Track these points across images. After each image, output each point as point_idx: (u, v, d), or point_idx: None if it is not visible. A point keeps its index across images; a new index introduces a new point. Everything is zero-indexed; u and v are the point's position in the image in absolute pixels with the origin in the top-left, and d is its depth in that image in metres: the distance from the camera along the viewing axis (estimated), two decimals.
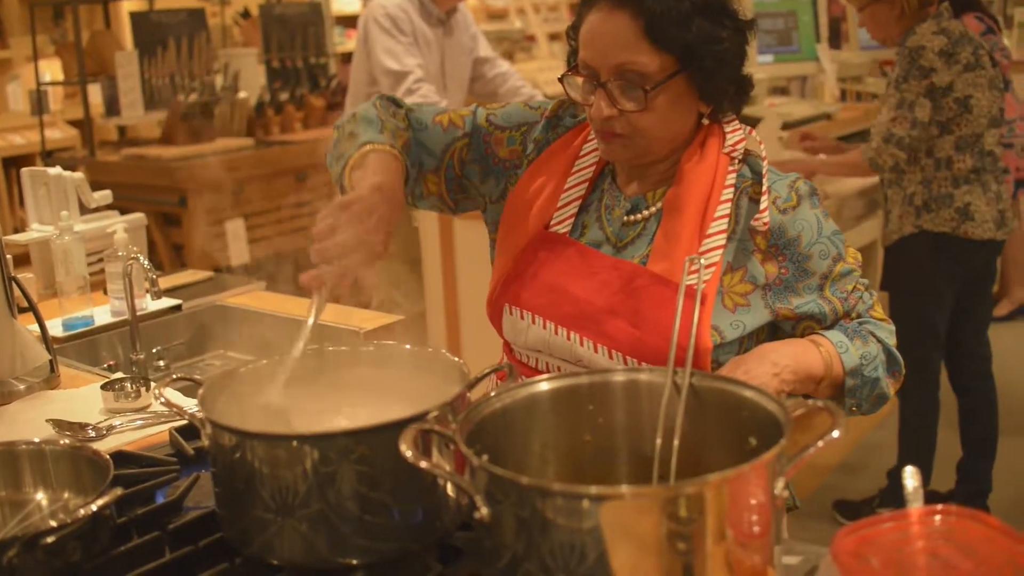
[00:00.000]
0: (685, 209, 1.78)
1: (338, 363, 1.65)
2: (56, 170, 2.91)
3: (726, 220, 1.78)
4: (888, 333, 1.85)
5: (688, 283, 1.59)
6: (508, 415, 1.38)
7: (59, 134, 6.93)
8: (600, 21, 1.74)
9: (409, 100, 4.10)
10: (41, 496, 1.60)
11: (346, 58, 7.41)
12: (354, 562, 1.39)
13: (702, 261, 1.63)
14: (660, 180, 1.86)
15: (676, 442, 1.36)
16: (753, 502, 1.18)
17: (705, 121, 1.83)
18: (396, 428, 1.29)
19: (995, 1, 6.12)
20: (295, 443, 1.36)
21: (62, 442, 1.66)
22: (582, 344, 1.80)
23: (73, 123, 7.06)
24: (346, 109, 4.60)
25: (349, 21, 8.33)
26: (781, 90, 5.35)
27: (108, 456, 1.54)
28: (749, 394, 1.34)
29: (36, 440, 1.63)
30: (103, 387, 2.14)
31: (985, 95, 3.54)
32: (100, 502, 1.39)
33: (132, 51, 5.83)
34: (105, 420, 2.03)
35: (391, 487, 1.37)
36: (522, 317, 1.86)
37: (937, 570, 1.18)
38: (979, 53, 3.53)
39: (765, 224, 1.75)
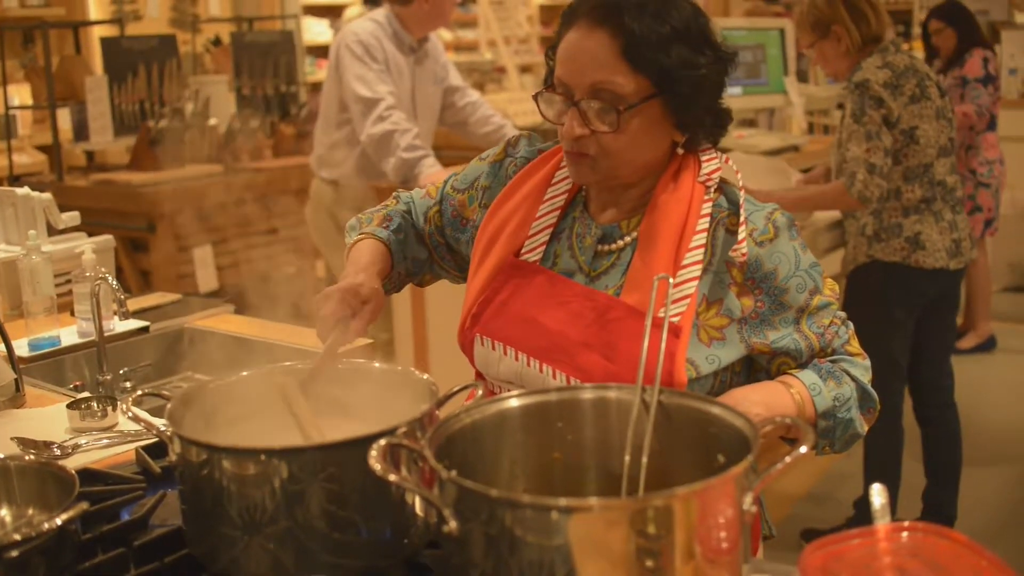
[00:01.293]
0: (659, 239, 1.76)
1: (308, 381, 1.64)
2: (24, 190, 2.90)
3: (702, 251, 1.75)
4: (863, 370, 1.83)
5: (655, 307, 1.59)
6: (477, 431, 1.38)
7: (27, 159, 6.89)
8: (578, 39, 1.73)
9: (379, 127, 4.16)
10: (4, 512, 1.58)
11: (316, 87, 7.42)
12: None
13: (671, 282, 1.61)
14: (634, 208, 1.84)
15: (644, 459, 1.36)
16: (721, 518, 1.19)
17: (680, 151, 1.82)
18: (365, 443, 1.29)
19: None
20: (263, 457, 1.35)
21: (27, 458, 1.65)
22: (555, 377, 1.77)
23: (41, 148, 7.03)
24: (316, 136, 4.60)
25: (320, 51, 8.36)
26: (749, 122, 5.38)
27: (74, 472, 1.53)
28: (717, 411, 1.35)
29: (1, 456, 1.62)
30: (69, 406, 2.12)
31: (932, 125, 3.59)
32: (65, 516, 1.38)
33: (102, 76, 5.81)
34: (71, 439, 2.02)
35: (359, 503, 1.37)
36: (494, 348, 1.84)
37: None
38: (924, 84, 3.59)
39: (743, 256, 1.72)
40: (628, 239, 1.82)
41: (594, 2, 1.73)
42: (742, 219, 1.74)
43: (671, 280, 1.55)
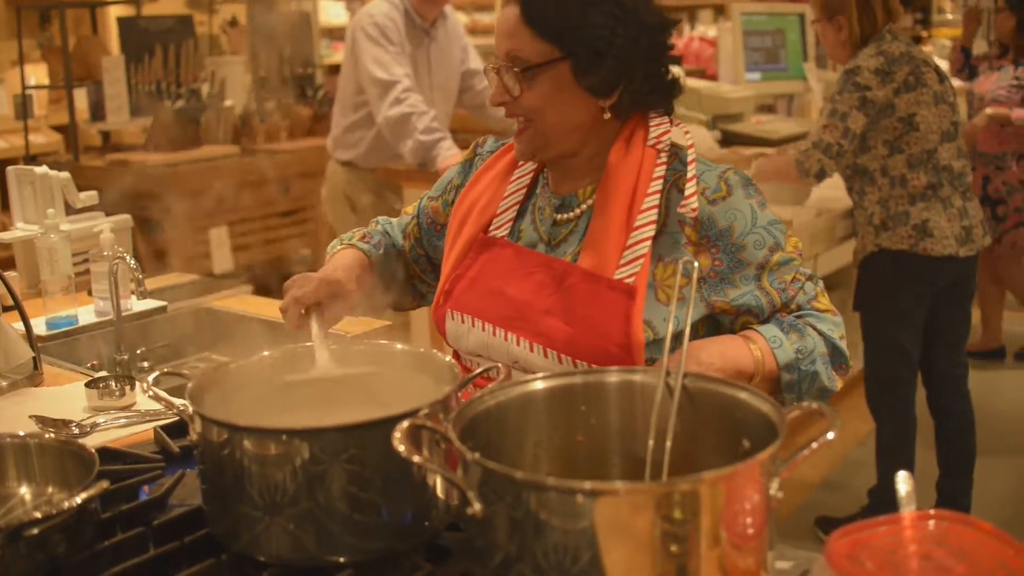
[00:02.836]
0: (613, 203, 1.80)
1: (329, 362, 1.63)
2: (42, 169, 2.89)
3: (655, 211, 1.78)
4: (832, 325, 1.82)
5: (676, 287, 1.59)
6: (501, 413, 1.37)
7: (43, 139, 6.88)
8: (500, 12, 1.83)
9: (396, 110, 4.15)
10: (24, 490, 1.58)
11: (332, 69, 7.41)
12: (342, 560, 1.37)
13: (691, 264, 1.61)
14: (589, 177, 1.88)
15: (668, 443, 1.35)
16: (748, 504, 1.17)
17: (606, 115, 1.82)
18: (388, 424, 1.28)
19: None
20: (285, 437, 1.34)
21: (47, 437, 1.65)
22: (518, 344, 1.82)
23: (57, 128, 7.03)
24: (333, 118, 4.59)
25: (336, 33, 8.33)
26: (768, 108, 5.36)
27: (94, 451, 1.52)
28: (743, 395, 1.34)
29: (21, 434, 1.62)
30: (87, 385, 2.12)
31: (931, 111, 3.59)
32: (85, 495, 1.37)
33: (119, 57, 5.81)
34: (89, 418, 2.02)
35: (380, 485, 1.36)
36: (463, 321, 1.89)
37: (930, 573, 1.17)
38: (920, 71, 3.59)
39: (694, 211, 1.75)
40: (584, 206, 1.87)
41: None
42: (689, 175, 1.77)
43: (696, 265, 1.53)
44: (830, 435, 1.23)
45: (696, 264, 1.49)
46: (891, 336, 3.77)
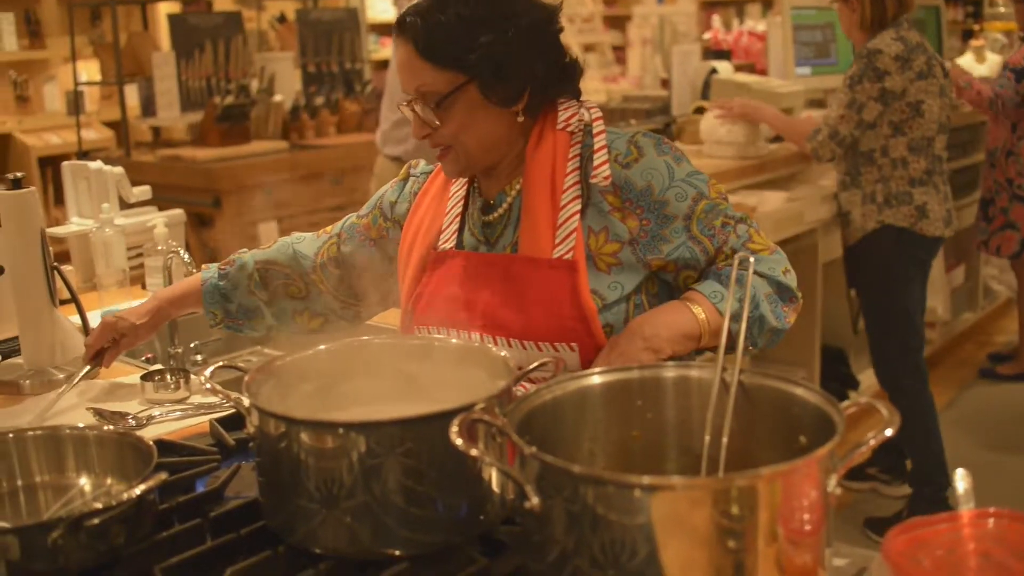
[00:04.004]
0: (536, 190, 1.87)
1: (384, 356, 1.64)
2: (97, 164, 2.92)
3: (577, 187, 1.86)
4: (773, 263, 1.88)
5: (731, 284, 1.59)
6: (558, 407, 1.37)
7: (94, 134, 6.96)
8: (396, 55, 1.87)
9: None
10: (84, 481, 1.60)
11: (380, 65, 7.43)
12: (397, 553, 1.38)
13: (747, 259, 1.59)
14: (512, 174, 1.94)
15: (725, 439, 1.35)
16: (805, 500, 1.17)
17: (520, 119, 1.87)
18: (444, 418, 1.29)
19: None
20: (341, 431, 1.35)
21: (106, 429, 1.66)
22: (482, 340, 1.86)
23: (108, 124, 7.10)
24: (382, 112, 4.60)
25: (384, 28, 8.36)
26: (818, 103, 5.32)
27: (151, 443, 1.54)
28: (800, 391, 1.33)
29: (80, 425, 1.63)
30: (143, 378, 2.14)
31: (936, 102, 3.80)
32: (144, 486, 1.38)
33: (169, 53, 5.86)
34: (145, 410, 2.04)
35: (436, 478, 1.37)
36: (429, 333, 1.94)
37: (988, 572, 1.17)
38: (932, 63, 3.79)
39: (606, 179, 1.82)
40: (509, 200, 1.94)
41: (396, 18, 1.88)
42: (598, 146, 1.84)
43: (751, 259, 1.52)
44: (889, 432, 1.21)
45: (752, 258, 1.48)
46: (899, 306, 3.94)
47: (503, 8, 1.82)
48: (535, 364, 1.56)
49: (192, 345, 2.68)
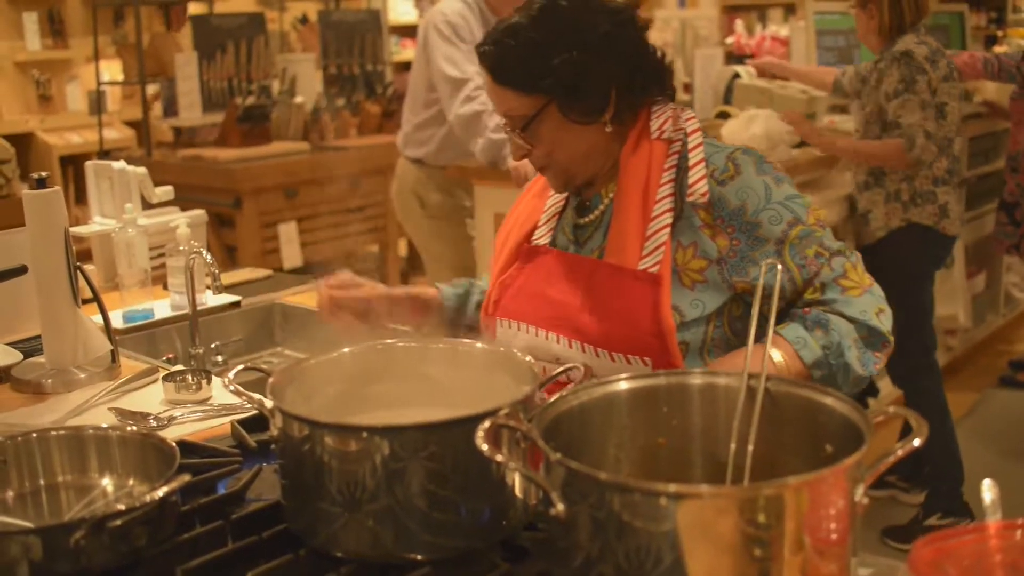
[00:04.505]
0: (628, 198, 1.86)
1: (408, 360, 1.64)
2: (120, 164, 2.93)
3: (670, 199, 1.83)
4: (864, 305, 1.81)
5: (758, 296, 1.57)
6: (584, 413, 1.37)
7: (116, 134, 6.98)
8: (487, 87, 1.92)
9: (468, 107, 4.15)
10: (106, 482, 1.60)
11: (401, 67, 7.44)
12: (419, 558, 1.38)
13: (774, 266, 1.58)
14: (609, 177, 1.94)
15: (750, 447, 1.34)
16: (832, 510, 1.16)
17: (608, 128, 1.88)
18: (469, 423, 1.28)
19: None
20: (365, 435, 1.35)
21: (128, 429, 1.66)
22: (559, 342, 1.88)
23: (129, 123, 7.12)
24: (404, 115, 4.60)
25: (405, 31, 8.38)
26: (841, 108, 5.30)
27: (174, 444, 1.54)
28: (827, 400, 1.32)
29: (103, 426, 1.64)
30: (165, 378, 2.14)
31: (956, 104, 3.87)
32: (167, 488, 1.38)
33: (192, 53, 5.88)
34: (166, 411, 2.04)
35: (459, 483, 1.36)
36: (510, 326, 1.96)
37: None
38: (951, 66, 3.86)
39: (703, 195, 1.80)
40: (604, 205, 1.95)
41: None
42: (697, 159, 1.83)
43: (779, 267, 1.51)
44: (917, 442, 1.21)
45: (779, 267, 1.47)
46: (919, 305, 3.98)
47: (573, 25, 1.83)
48: (559, 369, 1.56)
49: (213, 346, 2.68)
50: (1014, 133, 4.88)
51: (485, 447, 1.22)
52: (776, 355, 1.76)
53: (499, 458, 1.22)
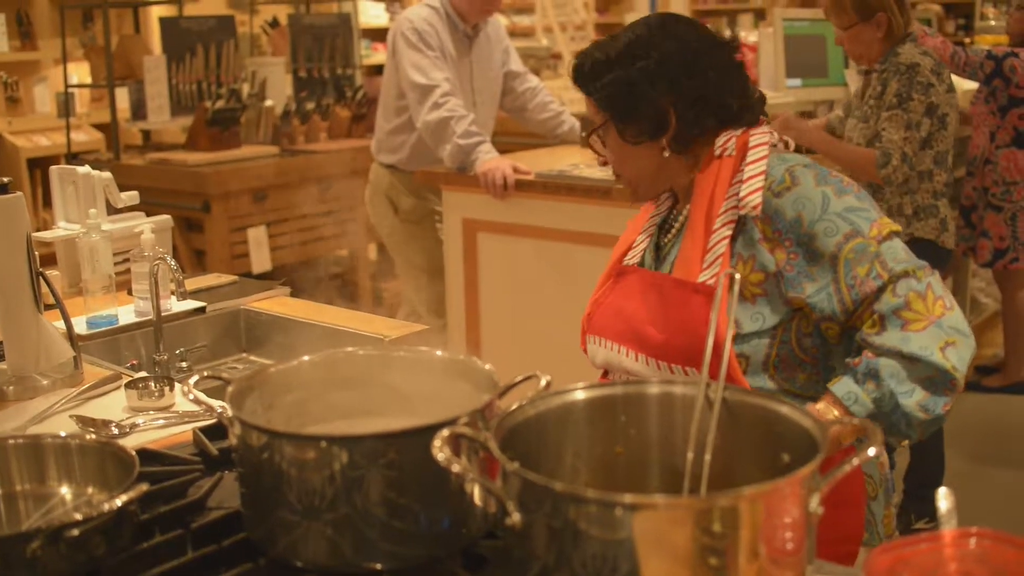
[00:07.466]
0: (696, 213, 1.89)
1: (370, 368, 1.64)
2: (85, 169, 2.91)
3: (732, 212, 1.84)
4: (925, 341, 1.68)
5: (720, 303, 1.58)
6: (541, 423, 1.37)
7: (84, 137, 6.94)
8: None
9: (435, 114, 4.16)
10: (65, 490, 1.59)
11: (372, 71, 7.43)
12: (379, 567, 1.38)
13: (736, 276, 1.58)
14: (688, 194, 1.99)
15: (708, 456, 1.34)
16: (787, 519, 1.17)
17: (666, 154, 1.93)
18: (427, 432, 1.29)
19: None
20: (324, 444, 1.34)
21: (88, 437, 1.66)
22: (627, 356, 1.93)
23: (98, 126, 7.08)
24: (376, 121, 4.60)
25: (376, 34, 8.36)
26: (809, 114, 5.32)
27: (134, 452, 1.53)
28: (784, 409, 1.33)
29: (62, 434, 1.63)
30: (127, 385, 2.13)
31: (955, 116, 3.80)
32: (125, 496, 1.38)
33: (160, 56, 5.85)
34: (128, 418, 2.03)
35: (418, 492, 1.36)
36: (596, 343, 2.03)
37: None
38: (950, 77, 3.80)
39: (755, 208, 1.79)
40: (680, 221, 2.01)
41: None
42: (748, 175, 1.83)
43: (736, 276, 1.51)
44: (872, 451, 1.22)
45: (737, 276, 1.47)
46: None
47: (637, 49, 1.88)
48: (519, 379, 1.56)
49: (177, 352, 2.67)
50: (974, 137, 4.93)
51: (442, 456, 1.22)
52: (825, 412, 1.72)
53: (456, 468, 1.23)
